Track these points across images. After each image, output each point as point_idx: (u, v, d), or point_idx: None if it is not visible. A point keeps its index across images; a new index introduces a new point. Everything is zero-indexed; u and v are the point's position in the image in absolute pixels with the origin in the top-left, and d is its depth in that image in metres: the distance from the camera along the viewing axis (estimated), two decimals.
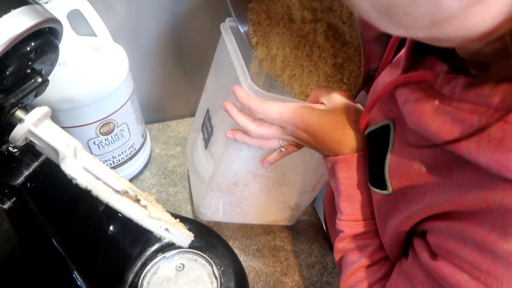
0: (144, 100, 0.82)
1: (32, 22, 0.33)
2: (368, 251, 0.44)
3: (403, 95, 0.34)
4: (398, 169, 0.37)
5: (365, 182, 0.43)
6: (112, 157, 0.69)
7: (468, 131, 0.27)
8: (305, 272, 0.64)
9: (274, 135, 0.45)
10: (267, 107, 0.43)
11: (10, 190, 0.41)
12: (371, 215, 0.43)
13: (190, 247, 0.51)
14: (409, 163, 0.35)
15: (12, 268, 0.56)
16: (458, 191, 0.29)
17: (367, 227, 0.44)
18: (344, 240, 0.45)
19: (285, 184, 0.61)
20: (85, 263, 0.50)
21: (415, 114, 0.32)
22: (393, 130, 0.38)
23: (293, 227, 0.70)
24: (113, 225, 0.55)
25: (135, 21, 0.74)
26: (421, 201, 0.34)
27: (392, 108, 0.39)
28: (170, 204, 0.73)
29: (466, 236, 0.29)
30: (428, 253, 0.34)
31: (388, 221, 0.39)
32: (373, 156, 0.42)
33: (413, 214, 0.35)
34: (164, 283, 0.56)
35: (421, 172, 0.34)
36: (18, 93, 0.35)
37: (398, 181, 0.37)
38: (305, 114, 0.43)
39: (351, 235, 0.44)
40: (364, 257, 0.44)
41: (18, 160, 0.42)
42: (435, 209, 0.32)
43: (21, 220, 0.46)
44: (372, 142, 0.42)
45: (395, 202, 0.37)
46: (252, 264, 0.64)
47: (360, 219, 0.44)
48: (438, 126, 0.29)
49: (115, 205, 0.36)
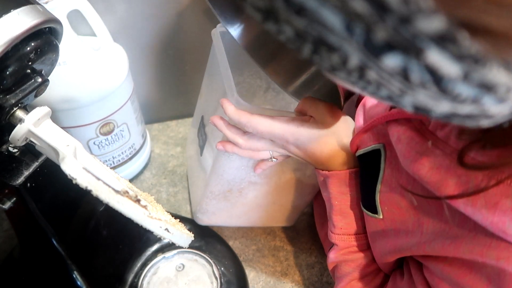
0: (144, 100, 0.82)
1: (32, 22, 0.33)
2: (360, 263, 0.44)
3: (395, 133, 0.33)
4: (389, 198, 0.36)
5: (358, 198, 0.43)
6: (112, 157, 0.69)
7: (465, 187, 0.26)
8: (305, 272, 0.64)
9: (265, 148, 0.45)
10: (256, 122, 0.42)
11: (10, 190, 0.41)
12: (363, 229, 0.43)
13: (190, 247, 0.51)
14: (400, 194, 0.34)
15: (12, 268, 0.56)
16: (452, 239, 0.29)
17: (359, 241, 0.44)
18: (337, 251, 0.45)
19: (282, 188, 0.61)
20: (85, 263, 0.50)
21: (409, 157, 0.31)
22: (384, 155, 0.37)
23: (293, 227, 0.70)
24: (113, 225, 0.55)
25: (135, 21, 0.74)
26: (411, 238, 0.33)
27: (384, 132, 0.38)
28: (170, 204, 0.73)
29: (461, 283, 0.29)
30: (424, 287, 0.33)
31: (377, 241, 0.39)
32: (364, 180, 0.41)
33: (404, 249, 0.34)
34: (164, 283, 0.56)
35: (412, 206, 0.33)
36: (18, 93, 0.35)
37: (388, 209, 0.36)
38: (295, 129, 0.42)
39: (344, 247, 0.44)
40: (357, 269, 0.44)
41: (18, 160, 0.42)
42: (427, 252, 0.31)
43: (21, 220, 0.46)
44: (364, 165, 0.41)
45: (386, 228, 0.37)
46: (252, 264, 0.64)
47: (352, 233, 0.44)
48: (432, 176, 0.28)
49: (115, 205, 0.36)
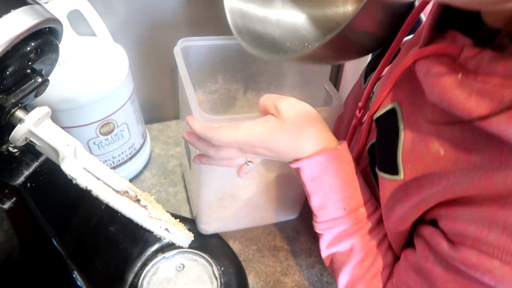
0: (144, 100, 0.82)
1: (32, 22, 0.33)
2: (354, 247, 0.43)
3: (424, 67, 0.33)
4: (413, 153, 0.35)
5: (331, 181, 0.43)
6: (112, 157, 0.69)
7: (498, 106, 0.26)
8: (305, 272, 0.64)
9: (235, 156, 0.46)
10: (221, 134, 0.43)
11: (10, 190, 0.41)
12: (344, 211, 0.44)
13: (190, 247, 0.51)
14: (426, 146, 0.34)
15: (12, 268, 0.56)
16: (483, 173, 0.28)
17: (343, 224, 0.44)
18: (327, 243, 0.45)
19: (272, 185, 0.61)
20: (85, 263, 0.50)
21: (437, 86, 0.31)
22: (400, 112, 0.38)
23: (293, 227, 0.70)
24: (113, 225, 0.55)
25: (135, 21, 0.74)
26: (436, 186, 0.32)
27: (398, 91, 0.38)
28: (170, 204, 0.73)
29: (492, 220, 0.28)
30: (446, 243, 0.32)
31: (395, 208, 0.38)
32: (383, 142, 0.41)
33: (426, 199, 0.33)
34: (164, 283, 0.56)
35: (438, 156, 0.32)
36: (18, 93, 0.35)
37: (411, 166, 0.35)
38: (258, 133, 0.43)
39: (332, 236, 0.44)
40: (352, 254, 0.43)
41: (18, 160, 0.42)
42: (455, 194, 0.30)
43: (21, 220, 0.46)
44: (382, 128, 0.41)
45: (406, 188, 0.36)
46: (252, 264, 0.64)
47: (334, 217, 0.44)
48: (463, 100, 0.28)
49: (115, 205, 0.36)
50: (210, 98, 0.67)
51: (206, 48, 0.60)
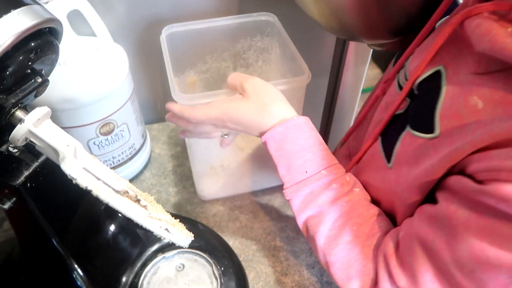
0: (144, 100, 0.82)
1: (32, 22, 0.33)
2: (322, 209, 0.45)
3: (473, 22, 0.35)
4: (451, 109, 0.37)
5: (292, 149, 0.47)
6: (112, 157, 0.69)
7: None
8: (305, 272, 0.64)
9: (211, 131, 0.53)
10: (195, 113, 0.50)
11: (10, 190, 0.41)
12: (306, 173, 0.47)
13: (190, 247, 0.51)
14: (464, 100, 0.35)
15: (12, 268, 0.56)
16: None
17: (306, 185, 0.46)
18: (296, 208, 0.47)
19: (257, 154, 0.67)
20: (85, 263, 0.50)
21: (488, 36, 0.32)
22: (445, 73, 0.39)
23: (293, 227, 0.70)
24: (113, 225, 0.55)
25: (135, 21, 0.74)
26: (470, 135, 0.33)
27: (443, 54, 0.40)
28: (170, 204, 0.73)
29: None
30: (474, 182, 0.33)
31: (421, 162, 0.39)
32: (422, 103, 0.42)
33: (459, 149, 0.34)
34: (164, 283, 0.56)
35: (476, 109, 0.34)
36: (18, 93, 0.35)
37: (448, 122, 0.37)
38: (226, 109, 0.49)
39: (299, 201, 0.47)
40: (323, 215, 0.45)
41: (18, 160, 0.42)
42: (492, 138, 0.31)
43: (21, 220, 0.46)
44: (423, 90, 0.42)
45: (438, 144, 0.37)
46: (252, 264, 0.64)
47: (298, 181, 0.47)
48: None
49: (115, 205, 0.36)
50: (202, 77, 0.74)
51: (192, 32, 0.66)
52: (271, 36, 0.70)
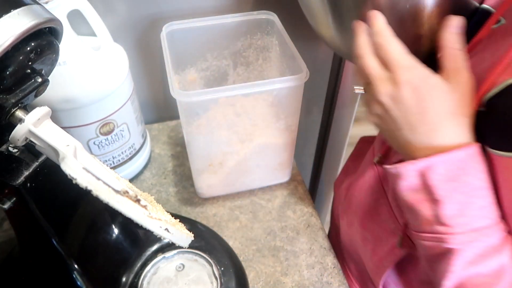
0: (144, 100, 0.82)
1: (32, 22, 0.33)
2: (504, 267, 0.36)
3: None
4: None
5: (475, 184, 0.36)
6: (112, 157, 0.69)
7: None
8: (305, 272, 0.64)
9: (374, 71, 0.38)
10: (391, 47, 0.37)
11: (10, 190, 0.41)
12: (489, 220, 0.36)
13: (190, 247, 0.51)
14: None
15: (12, 268, 0.56)
16: None
17: (489, 236, 0.36)
18: (465, 261, 0.36)
19: (255, 152, 0.67)
20: (85, 263, 0.50)
21: None
22: None
23: (293, 227, 0.70)
24: (113, 225, 0.55)
25: (135, 21, 0.74)
26: None
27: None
28: (170, 204, 0.73)
29: None
30: None
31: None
32: (501, 118, 0.35)
33: None
34: (164, 283, 0.56)
35: None
36: (18, 93, 0.35)
37: None
38: (426, 76, 0.36)
39: (474, 254, 0.36)
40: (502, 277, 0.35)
41: (18, 160, 0.42)
42: None
43: (21, 220, 0.46)
44: (504, 104, 0.35)
45: None
46: (252, 264, 0.64)
47: (477, 227, 0.36)
48: None
49: (115, 205, 0.36)
50: (202, 75, 0.74)
51: (192, 30, 0.66)
52: (271, 34, 0.70)
